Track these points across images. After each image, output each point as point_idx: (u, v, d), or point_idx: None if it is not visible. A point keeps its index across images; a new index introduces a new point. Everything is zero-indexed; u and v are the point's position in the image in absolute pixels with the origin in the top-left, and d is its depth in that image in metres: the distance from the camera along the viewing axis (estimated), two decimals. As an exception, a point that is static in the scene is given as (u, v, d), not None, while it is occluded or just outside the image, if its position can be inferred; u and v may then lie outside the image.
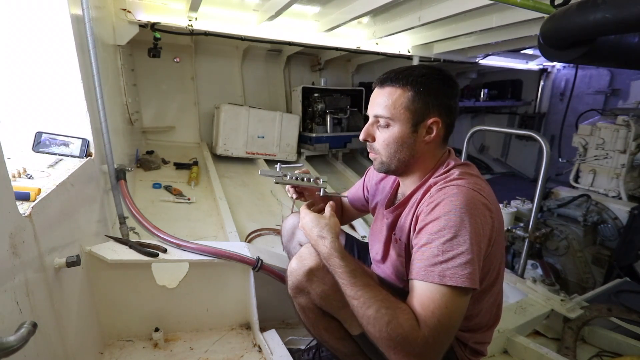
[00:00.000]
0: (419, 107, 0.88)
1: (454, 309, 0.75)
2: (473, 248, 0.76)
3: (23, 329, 0.58)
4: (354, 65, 4.73)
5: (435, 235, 0.78)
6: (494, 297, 0.96)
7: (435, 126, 0.89)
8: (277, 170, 1.10)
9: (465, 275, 0.74)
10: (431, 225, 0.80)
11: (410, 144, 0.90)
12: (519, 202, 2.81)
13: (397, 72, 0.90)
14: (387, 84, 0.90)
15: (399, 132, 0.89)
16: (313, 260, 0.92)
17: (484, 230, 0.79)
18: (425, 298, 0.76)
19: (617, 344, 1.59)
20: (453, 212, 0.78)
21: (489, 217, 0.81)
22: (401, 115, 0.88)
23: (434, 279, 0.75)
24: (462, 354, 0.97)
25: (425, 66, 0.91)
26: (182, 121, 3.91)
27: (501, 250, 0.91)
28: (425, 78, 0.88)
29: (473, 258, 0.75)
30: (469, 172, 0.90)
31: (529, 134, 2.09)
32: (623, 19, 1.38)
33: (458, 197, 0.80)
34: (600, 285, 2.19)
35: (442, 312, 0.74)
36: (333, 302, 0.91)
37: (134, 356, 1.30)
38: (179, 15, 2.69)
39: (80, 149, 1.38)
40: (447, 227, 0.77)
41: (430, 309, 0.74)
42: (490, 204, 0.83)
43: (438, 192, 0.84)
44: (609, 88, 4.47)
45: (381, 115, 0.90)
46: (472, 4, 2.24)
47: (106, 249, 1.30)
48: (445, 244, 0.76)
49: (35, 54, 1.31)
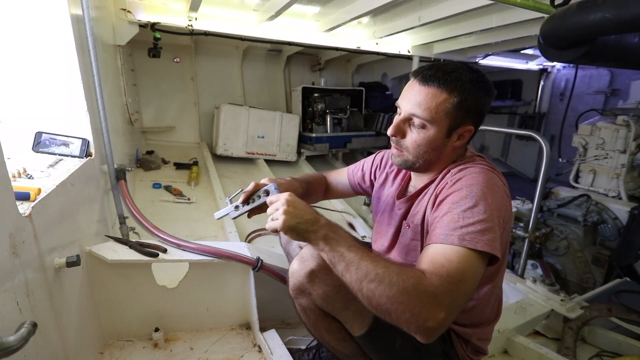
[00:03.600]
0: (460, 114, 0.85)
1: (467, 268, 0.71)
2: (495, 219, 0.76)
3: (23, 329, 0.58)
4: (354, 65, 4.73)
5: (457, 204, 0.79)
6: (496, 291, 0.96)
7: (468, 134, 0.90)
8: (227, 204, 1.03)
9: (484, 240, 0.73)
10: (452, 196, 0.81)
11: (440, 147, 0.89)
12: (519, 202, 2.81)
13: (444, 73, 0.84)
14: (432, 83, 0.84)
15: (434, 135, 0.86)
16: (315, 261, 0.92)
17: (503, 207, 0.81)
18: (437, 255, 0.73)
19: (617, 344, 1.59)
20: (475, 185, 0.80)
21: (507, 201, 0.84)
22: (440, 120, 0.85)
23: (454, 242, 0.73)
24: (463, 353, 0.97)
25: (471, 69, 0.87)
26: (182, 121, 3.91)
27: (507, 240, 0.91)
28: (473, 85, 0.84)
29: (494, 227, 0.75)
30: (488, 163, 0.92)
31: (529, 134, 2.09)
32: (623, 19, 1.38)
33: (480, 174, 0.83)
34: (600, 285, 2.19)
35: (452, 266, 0.70)
36: (335, 303, 0.91)
37: (134, 356, 1.30)
38: (179, 15, 2.69)
39: (80, 149, 1.38)
40: (469, 197, 0.78)
41: (440, 262, 0.71)
42: (507, 190, 0.86)
43: (460, 171, 0.87)
44: (609, 88, 4.47)
45: (419, 115, 0.85)
46: (472, 4, 2.24)
47: (106, 249, 1.29)
48: (467, 211, 0.76)
49: (35, 54, 1.31)
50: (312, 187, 1.23)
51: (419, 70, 0.88)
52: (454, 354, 0.97)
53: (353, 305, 0.90)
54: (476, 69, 0.88)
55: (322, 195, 1.31)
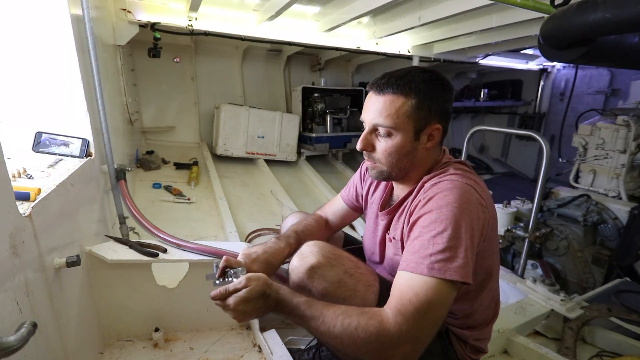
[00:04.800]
0: (421, 115, 0.86)
1: (436, 299, 0.73)
2: (465, 242, 0.76)
3: (23, 329, 0.58)
4: (354, 65, 4.73)
5: (427, 228, 0.78)
6: (491, 294, 0.96)
7: (437, 132, 0.89)
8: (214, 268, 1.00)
9: (453, 268, 0.74)
10: (423, 219, 0.81)
11: (412, 152, 0.89)
12: (519, 202, 2.81)
13: (397, 78, 0.85)
14: (387, 90, 0.86)
15: (402, 141, 0.87)
16: (314, 257, 0.92)
17: (477, 224, 0.79)
18: (406, 287, 0.75)
19: (617, 344, 1.59)
20: (445, 206, 0.78)
21: (482, 213, 0.81)
22: (404, 124, 0.85)
23: (423, 271, 0.75)
24: (462, 352, 0.97)
25: (423, 70, 0.89)
26: (182, 121, 3.91)
27: (495, 246, 0.91)
28: (427, 84, 0.85)
29: (464, 252, 0.75)
30: (464, 168, 0.90)
31: (529, 134, 2.09)
32: (623, 19, 1.38)
33: (451, 191, 0.80)
34: (600, 285, 2.19)
35: (420, 300, 0.72)
36: (334, 299, 0.92)
37: (134, 356, 1.30)
38: (179, 15, 2.69)
39: (80, 149, 1.38)
40: (439, 221, 0.77)
41: (408, 297, 0.74)
42: (484, 199, 0.83)
43: (432, 187, 0.85)
44: (609, 88, 4.47)
45: (383, 124, 0.87)
46: (472, 4, 2.24)
47: (106, 249, 1.29)
48: (436, 237, 0.76)
49: (35, 53, 1.31)
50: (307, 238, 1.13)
51: (373, 82, 0.90)
52: (453, 354, 0.97)
53: (352, 301, 0.90)
54: (429, 70, 0.90)
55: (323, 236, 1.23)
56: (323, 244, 0.97)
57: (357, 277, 0.92)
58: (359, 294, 0.90)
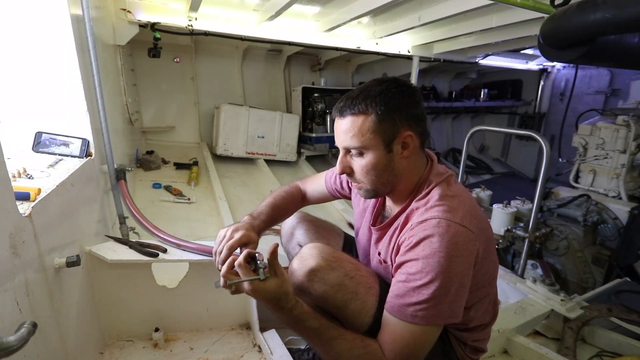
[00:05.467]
0: (386, 127, 0.84)
1: (423, 343, 0.81)
2: (451, 289, 0.77)
3: (23, 329, 0.58)
4: (354, 65, 4.73)
5: (413, 276, 0.79)
6: (489, 298, 0.96)
7: (410, 139, 0.87)
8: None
9: (437, 315, 0.78)
10: (409, 265, 0.80)
11: (390, 165, 0.88)
12: (519, 202, 2.80)
13: (353, 98, 0.86)
14: (346, 113, 0.87)
15: (375, 157, 0.86)
16: (314, 260, 0.92)
17: (467, 264, 0.79)
18: (396, 335, 0.81)
19: (617, 344, 1.59)
20: (432, 256, 0.77)
21: (472, 247, 0.80)
22: (371, 140, 0.85)
23: (407, 318, 0.79)
24: (462, 353, 0.97)
25: (380, 81, 0.88)
26: (182, 121, 3.91)
27: (492, 260, 0.90)
28: (383, 96, 0.84)
29: (451, 297, 0.78)
30: (449, 193, 0.86)
31: (529, 134, 2.09)
32: (623, 19, 1.38)
33: (438, 237, 0.78)
34: (600, 285, 2.19)
35: (410, 348, 0.80)
36: (335, 302, 0.91)
37: (134, 356, 1.30)
38: (179, 15, 2.69)
39: (80, 149, 1.38)
40: (425, 272, 0.77)
41: (400, 347, 0.80)
42: (473, 231, 0.80)
43: (419, 224, 0.82)
44: (609, 88, 4.47)
45: (351, 146, 0.87)
46: (472, 4, 2.24)
47: (106, 249, 1.29)
48: (422, 287, 0.77)
49: (35, 53, 1.31)
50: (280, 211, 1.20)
51: (335, 107, 0.91)
52: (453, 354, 0.97)
53: (353, 304, 0.90)
54: (387, 79, 0.88)
55: (298, 208, 1.30)
56: (323, 246, 0.97)
57: (357, 280, 0.92)
58: (359, 297, 0.89)
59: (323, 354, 0.86)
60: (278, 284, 0.81)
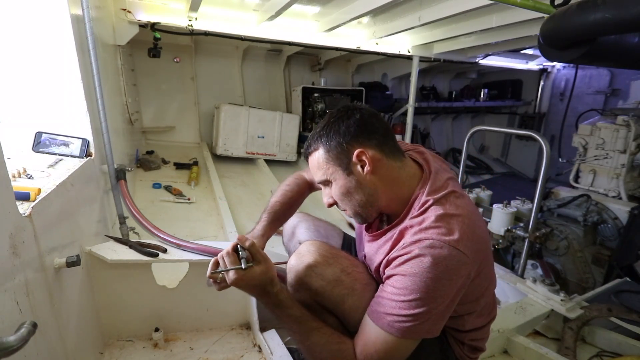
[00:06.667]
0: (336, 153, 0.89)
1: (395, 354, 0.81)
2: (433, 311, 0.77)
3: (23, 329, 0.58)
4: (354, 65, 4.73)
5: (397, 290, 0.79)
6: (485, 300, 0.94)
7: (363, 155, 0.86)
8: None
9: (414, 331, 0.78)
10: (396, 279, 0.80)
11: (358, 186, 0.89)
12: (519, 202, 2.80)
13: (308, 140, 0.96)
14: (308, 153, 0.96)
15: (339, 183, 0.91)
16: (312, 256, 0.93)
17: (455, 288, 0.78)
18: (369, 339, 0.82)
19: (617, 344, 1.59)
20: (419, 275, 0.76)
21: (464, 271, 0.78)
22: (329, 170, 0.91)
23: (383, 326, 0.80)
24: (460, 352, 0.97)
25: (326, 116, 0.94)
26: (182, 121, 3.91)
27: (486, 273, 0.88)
28: (325, 128, 0.91)
29: (431, 319, 0.78)
30: (447, 212, 0.81)
31: (529, 134, 2.09)
32: (623, 19, 1.38)
33: (429, 258, 0.76)
34: (600, 285, 2.19)
35: (380, 355, 0.80)
36: (331, 297, 0.92)
37: (134, 356, 1.30)
38: (179, 15, 2.69)
39: (80, 149, 1.38)
40: (409, 289, 0.77)
41: (371, 352, 0.81)
42: (467, 254, 0.77)
43: (412, 244, 0.80)
44: (609, 88, 4.47)
45: (320, 180, 0.95)
46: (472, 4, 2.24)
47: (106, 249, 1.30)
48: (404, 303, 0.77)
49: (35, 53, 1.31)
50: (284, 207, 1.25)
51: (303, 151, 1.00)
52: (451, 354, 0.97)
53: (349, 299, 0.91)
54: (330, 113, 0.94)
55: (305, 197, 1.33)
56: (320, 242, 0.98)
57: (354, 276, 0.92)
58: (356, 292, 0.90)
59: (299, 343, 0.90)
60: (263, 270, 0.86)
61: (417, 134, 4.91)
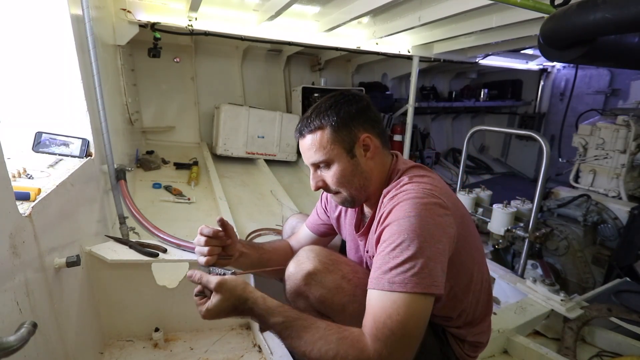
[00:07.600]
0: (344, 135, 0.90)
1: (409, 316, 0.71)
2: (426, 251, 0.74)
3: (23, 329, 0.58)
4: (354, 65, 4.73)
5: (386, 242, 0.78)
6: (478, 287, 0.94)
7: (369, 140, 0.91)
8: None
9: (415, 280, 0.72)
10: (384, 233, 0.80)
11: (357, 169, 0.91)
12: (519, 202, 2.80)
13: (307, 118, 0.93)
14: (305, 132, 0.93)
15: (341, 165, 0.91)
16: (311, 263, 0.92)
17: (441, 229, 0.77)
18: (377, 308, 0.74)
19: (617, 344, 1.59)
20: (403, 218, 0.77)
21: (445, 215, 0.79)
22: (333, 150, 0.90)
23: (384, 287, 0.74)
24: (460, 351, 0.97)
25: (329, 96, 0.95)
26: (182, 121, 3.91)
27: (473, 242, 0.90)
28: (334, 108, 0.90)
29: (426, 261, 0.73)
30: (419, 173, 0.90)
31: (529, 134, 2.09)
32: (623, 19, 1.38)
33: (408, 202, 0.79)
34: (600, 285, 2.19)
35: (393, 321, 0.71)
36: (332, 305, 0.91)
37: (134, 356, 1.30)
38: (179, 15, 2.69)
39: (80, 149, 1.38)
40: (397, 233, 0.76)
41: (382, 320, 0.72)
42: (444, 201, 0.81)
43: (390, 200, 0.84)
44: (609, 88, 4.47)
45: (317, 161, 0.92)
46: (472, 4, 2.24)
47: (106, 249, 1.30)
48: (395, 249, 0.75)
49: (35, 54, 1.31)
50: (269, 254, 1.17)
51: (296, 128, 0.97)
52: (451, 353, 0.97)
53: (351, 306, 0.90)
54: (337, 92, 0.95)
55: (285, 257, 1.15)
56: (320, 248, 0.97)
57: (355, 282, 0.91)
58: (357, 299, 0.88)
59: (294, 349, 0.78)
60: (222, 299, 0.81)
61: (417, 134, 4.90)
